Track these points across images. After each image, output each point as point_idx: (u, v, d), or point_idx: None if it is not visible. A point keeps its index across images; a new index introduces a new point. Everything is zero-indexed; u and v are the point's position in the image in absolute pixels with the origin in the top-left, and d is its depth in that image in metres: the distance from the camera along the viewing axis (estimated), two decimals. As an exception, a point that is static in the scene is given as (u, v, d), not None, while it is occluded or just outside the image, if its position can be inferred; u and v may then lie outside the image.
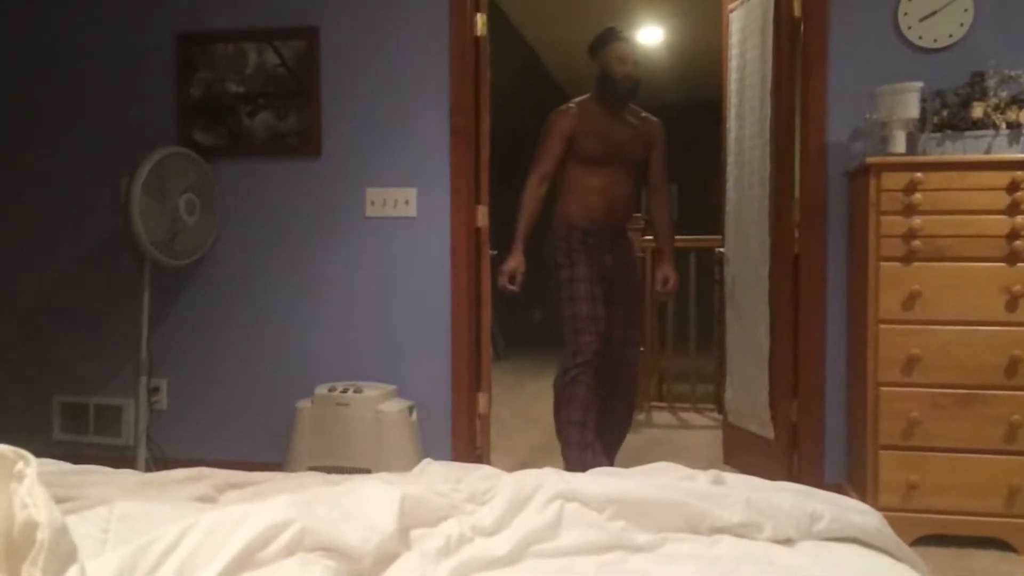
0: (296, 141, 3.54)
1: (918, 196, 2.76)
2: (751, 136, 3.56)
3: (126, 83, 3.68)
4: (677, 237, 5.60)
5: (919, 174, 2.76)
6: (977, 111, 2.85)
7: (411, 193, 3.47)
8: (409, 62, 3.47)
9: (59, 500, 1.26)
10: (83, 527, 1.16)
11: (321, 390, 3.26)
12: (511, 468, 1.54)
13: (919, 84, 2.88)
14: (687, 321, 5.19)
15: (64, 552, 0.82)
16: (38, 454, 1.12)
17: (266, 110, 3.56)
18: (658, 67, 7.39)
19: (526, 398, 5.63)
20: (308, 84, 3.51)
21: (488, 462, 3.55)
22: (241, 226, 3.60)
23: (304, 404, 3.27)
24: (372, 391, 3.23)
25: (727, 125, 3.83)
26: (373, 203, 3.49)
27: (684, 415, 5.07)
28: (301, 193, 3.56)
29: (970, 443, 2.74)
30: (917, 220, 2.76)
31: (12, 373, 3.79)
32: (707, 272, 4.99)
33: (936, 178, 2.76)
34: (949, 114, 2.90)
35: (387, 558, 1.17)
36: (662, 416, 5.06)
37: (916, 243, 2.75)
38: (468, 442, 3.47)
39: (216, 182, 3.51)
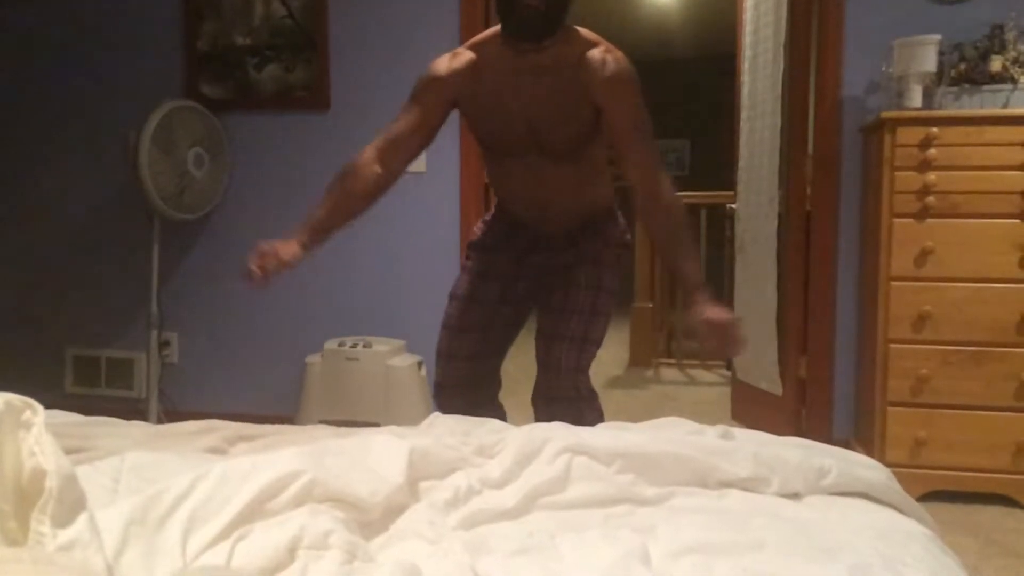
0: (304, 94, 3.51)
1: (933, 151, 2.72)
2: (764, 90, 3.50)
3: (133, 35, 3.65)
4: (686, 193, 5.45)
5: (935, 129, 2.72)
6: (996, 64, 2.80)
7: (420, 147, 3.44)
8: (419, 13, 3.42)
9: (71, 451, 1.27)
10: (95, 477, 1.17)
11: (331, 345, 3.27)
12: (519, 423, 1.54)
13: (937, 37, 2.82)
14: (697, 278, 5.17)
15: (73, 500, 0.82)
16: (51, 406, 1.13)
17: (274, 63, 3.52)
18: (671, 18, 7.27)
19: (534, 354, 5.64)
20: (316, 36, 3.47)
21: (497, 417, 3.57)
22: (250, 180, 3.58)
23: (314, 359, 3.28)
24: (381, 346, 3.24)
25: (741, 79, 3.77)
26: (382, 157, 3.46)
27: (692, 371, 5.08)
28: (310, 147, 3.53)
29: (979, 400, 2.74)
30: (932, 176, 2.72)
31: (25, 326, 3.81)
32: (718, 229, 4.96)
33: (952, 133, 2.72)
34: (967, 68, 2.85)
35: (396, 509, 1.18)
36: (670, 372, 5.07)
37: (930, 199, 2.72)
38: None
39: (224, 136, 3.48)
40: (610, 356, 5.51)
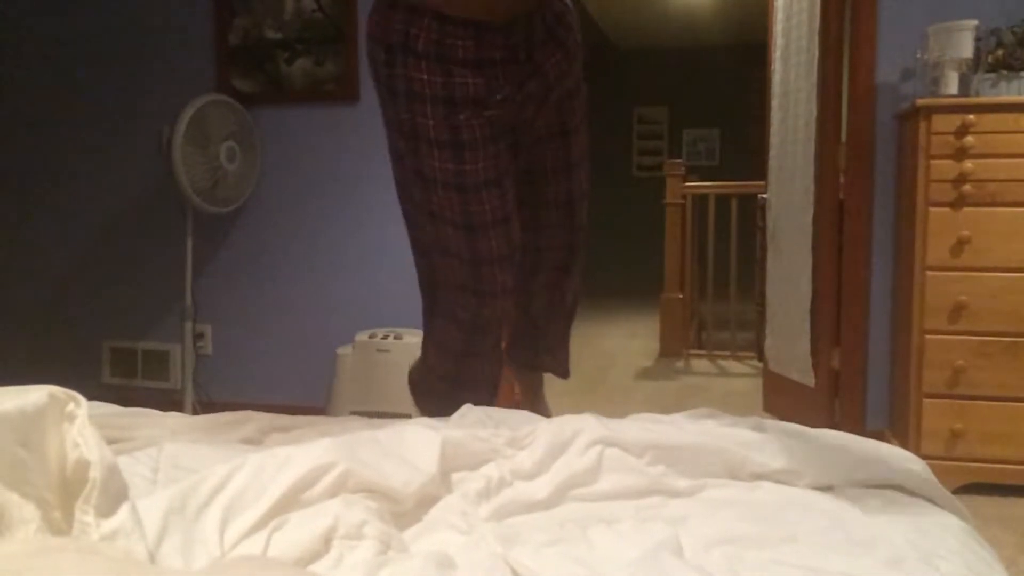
0: (334, 87, 3.53)
1: (970, 139, 2.68)
2: (797, 78, 3.47)
3: (166, 30, 3.68)
4: (720, 183, 5.43)
5: (971, 116, 2.68)
6: (1035, 50, 2.75)
7: (449, 139, 3.44)
8: (447, 5, 3.42)
9: (110, 441, 1.29)
10: (133, 467, 1.19)
11: (362, 336, 3.29)
12: (552, 413, 1.54)
13: (974, 22, 2.78)
14: (727, 268, 5.14)
15: (116, 490, 0.84)
16: (89, 397, 1.15)
17: (304, 56, 3.54)
18: (701, 6, 7.21)
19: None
20: (345, 29, 3.49)
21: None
22: (281, 173, 3.61)
23: (345, 350, 3.30)
24: (412, 338, 3.25)
25: (773, 67, 3.73)
26: (411, 149, 3.48)
27: (723, 363, 5.05)
28: (340, 139, 3.56)
29: (1016, 391, 2.69)
30: (968, 164, 2.68)
31: (63, 319, 3.88)
32: (749, 218, 4.93)
33: (989, 120, 2.67)
34: (1005, 53, 2.80)
35: (428, 500, 1.19)
36: (701, 364, 5.04)
37: (967, 188, 2.68)
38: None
39: (256, 129, 3.52)
40: (640, 347, 5.51)
